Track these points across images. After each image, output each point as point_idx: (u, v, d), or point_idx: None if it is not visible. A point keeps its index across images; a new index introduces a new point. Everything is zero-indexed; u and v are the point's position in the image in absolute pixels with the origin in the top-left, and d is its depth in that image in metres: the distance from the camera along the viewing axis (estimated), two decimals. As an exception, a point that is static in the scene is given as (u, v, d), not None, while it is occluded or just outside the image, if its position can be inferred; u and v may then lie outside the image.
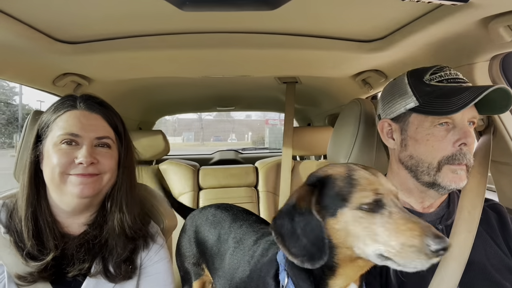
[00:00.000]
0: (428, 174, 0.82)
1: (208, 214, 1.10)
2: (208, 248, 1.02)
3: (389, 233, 0.56)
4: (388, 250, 0.57)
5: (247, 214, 1.08)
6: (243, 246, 0.92)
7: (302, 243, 0.57)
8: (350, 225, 0.60)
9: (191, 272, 1.07)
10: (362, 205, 0.60)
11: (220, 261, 0.96)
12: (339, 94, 2.03)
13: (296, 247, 0.58)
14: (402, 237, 0.55)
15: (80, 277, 0.84)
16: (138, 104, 2.45)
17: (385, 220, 0.58)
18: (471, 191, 0.89)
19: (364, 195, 0.60)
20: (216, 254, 0.98)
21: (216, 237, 1.01)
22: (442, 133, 0.81)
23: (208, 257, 1.01)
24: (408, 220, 0.57)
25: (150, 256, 0.95)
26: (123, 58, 1.26)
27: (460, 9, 0.79)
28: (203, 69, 1.52)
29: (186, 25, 1.02)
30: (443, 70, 0.86)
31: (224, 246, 0.97)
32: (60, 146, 0.82)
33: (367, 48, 1.16)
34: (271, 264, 0.77)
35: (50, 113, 0.87)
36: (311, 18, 0.98)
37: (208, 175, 2.32)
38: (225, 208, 1.10)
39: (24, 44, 1.01)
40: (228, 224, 1.03)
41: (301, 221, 0.59)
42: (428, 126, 0.82)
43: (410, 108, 0.85)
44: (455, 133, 0.80)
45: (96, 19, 0.95)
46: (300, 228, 0.58)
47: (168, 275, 0.98)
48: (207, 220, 1.08)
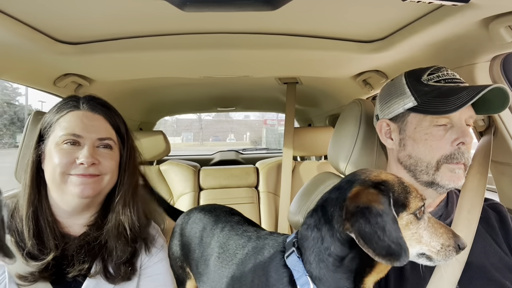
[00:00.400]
0: (427, 173, 0.83)
1: (192, 217, 1.06)
2: (191, 251, 0.99)
3: (430, 235, 0.66)
4: (430, 250, 0.66)
5: (230, 215, 1.04)
6: (228, 252, 0.87)
7: (385, 243, 0.58)
8: (403, 228, 0.64)
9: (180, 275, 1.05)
10: (416, 210, 0.65)
11: (204, 266, 0.91)
12: (340, 95, 2.03)
13: (380, 248, 0.58)
14: (441, 239, 0.66)
15: (80, 278, 0.84)
16: (139, 104, 2.45)
17: (426, 225, 0.66)
18: (471, 190, 0.89)
19: (418, 201, 0.66)
20: (199, 258, 0.95)
21: (198, 240, 0.97)
22: (441, 132, 0.81)
23: (191, 260, 0.99)
24: (441, 224, 0.68)
25: (150, 257, 0.95)
26: (124, 58, 1.26)
27: (460, 9, 0.79)
28: (204, 70, 1.52)
29: (187, 25, 1.02)
30: (440, 70, 0.86)
31: (208, 251, 0.92)
32: (62, 146, 0.83)
33: (368, 48, 1.16)
34: (279, 271, 0.73)
35: (53, 114, 0.88)
36: (312, 19, 0.98)
37: (209, 175, 2.32)
38: (208, 210, 1.07)
39: (25, 44, 1.01)
40: (210, 227, 0.99)
41: (381, 222, 0.59)
42: (427, 126, 0.82)
43: (409, 108, 0.85)
44: (453, 132, 0.81)
45: (97, 19, 0.95)
46: (380, 230, 0.59)
47: (168, 275, 0.98)
48: (192, 223, 1.05)
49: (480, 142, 1.04)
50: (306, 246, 0.70)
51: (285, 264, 0.72)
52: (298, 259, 0.70)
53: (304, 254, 0.70)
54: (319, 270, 0.67)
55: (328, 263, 0.66)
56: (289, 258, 0.72)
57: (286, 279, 0.70)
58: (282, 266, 0.73)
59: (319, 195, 1.12)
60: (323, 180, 1.13)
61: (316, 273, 0.68)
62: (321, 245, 0.67)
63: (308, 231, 0.71)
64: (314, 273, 0.68)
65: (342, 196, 0.67)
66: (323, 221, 0.68)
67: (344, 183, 0.71)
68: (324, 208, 0.70)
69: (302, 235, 0.72)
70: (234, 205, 1.15)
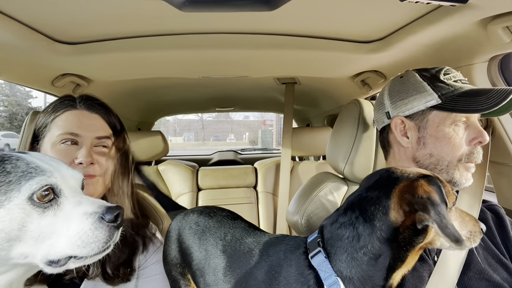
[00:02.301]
0: (447, 172, 0.83)
1: (191, 222, 0.99)
2: (194, 260, 0.94)
3: (460, 225, 0.69)
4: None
5: (232, 219, 1.00)
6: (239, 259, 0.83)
7: (451, 230, 0.61)
8: None
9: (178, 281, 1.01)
10: (452, 204, 0.67)
11: (213, 276, 0.85)
12: (338, 95, 2.04)
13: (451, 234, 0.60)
14: (469, 226, 0.69)
15: (78, 280, 0.83)
16: (137, 104, 2.44)
17: (456, 215, 0.69)
18: (469, 192, 0.89)
19: (453, 195, 0.67)
20: (206, 268, 0.90)
21: (202, 248, 0.91)
22: (462, 131, 0.83)
23: (196, 270, 0.95)
24: (465, 213, 0.72)
25: (148, 258, 0.95)
26: (122, 58, 1.26)
27: (459, 10, 0.79)
28: (202, 70, 1.52)
29: (185, 26, 1.02)
30: (451, 71, 0.87)
31: (215, 260, 0.86)
32: (59, 146, 0.82)
33: (366, 49, 1.16)
34: (304, 273, 0.70)
35: (48, 113, 0.87)
36: (310, 19, 0.98)
37: (207, 175, 2.32)
38: (207, 214, 1.02)
39: (22, 44, 1.00)
40: (213, 234, 0.96)
41: (443, 211, 0.62)
42: (449, 124, 0.83)
43: (432, 105, 0.84)
44: (470, 132, 0.83)
45: (95, 19, 0.95)
46: (443, 218, 0.61)
47: (166, 276, 0.98)
48: (191, 229, 1.00)
49: (478, 142, 1.05)
50: (337, 245, 0.68)
51: (309, 265, 0.70)
52: (325, 259, 0.68)
53: (334, 254, 0.68)
54: (351, 270, 0.66)
55: (362, 262, 0.65)
56: (314, 258, 0.69)
57: (313, 280, 0.68)
58: (307, 267, 0.70)
59: (318, 195, 1.13)
60: (321, 180, 1.13)
61: (346, 272, 0.66)
62: (357, 244, 0.66)
63: (341, 230, 0.69)
64: (345, 273, 0.66)
65: (385, 194, 0.66)
66: (361, 220, 0.67)
67: (383, 181, 0.69)
68: (363, 207, 0.68)
69: (332, 234, 0.70)
70: (233, 206, 1.14)
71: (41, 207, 0.54)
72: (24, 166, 0.55)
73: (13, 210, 0.52)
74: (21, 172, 0.54)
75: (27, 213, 0.53)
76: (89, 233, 0.56)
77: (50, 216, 0.55)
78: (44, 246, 0.55)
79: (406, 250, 0.66)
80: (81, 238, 0.56)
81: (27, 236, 0.53)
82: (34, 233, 0.54)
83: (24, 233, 0.53)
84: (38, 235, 0.54)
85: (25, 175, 0.54)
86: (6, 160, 0.55)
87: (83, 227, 0.56)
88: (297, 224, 1.08)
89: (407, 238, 0.64)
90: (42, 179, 0.55)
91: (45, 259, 0.55)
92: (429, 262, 0.83)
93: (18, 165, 0.55)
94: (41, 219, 0.54)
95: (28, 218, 0.53)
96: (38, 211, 0.54)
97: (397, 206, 0.64)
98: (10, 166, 0.54)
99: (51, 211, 0.56)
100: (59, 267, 0.57)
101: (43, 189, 0.55)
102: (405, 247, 0.65)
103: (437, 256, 0.83)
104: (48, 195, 0.56)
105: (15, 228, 0.52)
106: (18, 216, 0.52)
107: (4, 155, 0.56)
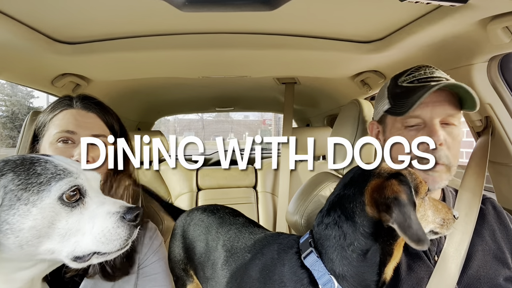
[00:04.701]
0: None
1: (194, 219, 1.03)
2: (196, 254, 0.97)
3: (433, 213, 0.71)
4: (436, 226, 0.71)
5: (234, 216, 1.03)
6: (236, 255, 0.85)
7: (414, 230, 0.61)
8: (416, 212, 0.66)
9: (182, 277, 1.03)
10: (424, 195, 0.69)
11: (212, 270, 0.89)
12: (338, 95, 2.03)
13: (413, 234, 0.61)
14: (441, 214, 0.72)
15: (78, 278, 0.83)
16: (137, 104, 2.44)
17: (429, 204, 0.71)
18: (468, 191, 0.89)
19: (424, 186, 0.69)
20: (206, 262, 0.93)
21: (203, 243, 0.94)
22: (412, 133, 0.82)
23: (197, 264, 0.97)
24: (437, 201, 0.74)
25: (148, 257, 0.95)
26: (122, 58, 1.26)
27: (458, 10, 0.79)
28: (202, 70, 1.52)
29: (185, 25, 1.02)
30: (418, 70, 0.86)
31: (215, 254, 0.89)
32: (56, 145, 0.83)
33: (366, 49, 1.16)
34: (297, 273, 0.71)
35: (46, 113, 0.88)
36: (310, 19, 0.98)
37: (207, 175, 2.32)
38: (211, 210, 1.04)
39: (22, 44, 1.00)
40: (215, 229, 0.96)
41: (408, 211, 0.63)
42: (399, 127, 0.84)
43: (385, 110, 0.88)
44: (424, 133, 0.80)
45: (95, 19, 0.95)
46: (409, 218, 0.62)
47: (166, 275, 0.98)
48: (194, 225, 1.02)
49: (478, 142, 1.04)
50: (327, 245, 0.69)
51: (302, 265, 0.71)
52: (317, 258, 0.70)
53: (325, 253, 0.69)
54: (343, 268, 0.67)
55: (352, 259, 0.67)
56: (307, 258, 0.71)
57: (306, 280, 0.70)
58: (300, 267, 0.71)
59: (318, 195, 1.13)
60: (321, 180, 1.13)
61: (339, 271, 0.67)
62: (344, 242, 0.67)
63: (328, 230, 0.70)
64: (337, 271, 0.67)
65: (360, 190, 0.67)
66: (343, 218, 0.68)
67: (356, 178, 0.70)
68: (342, 205, 0.69)
69: (320, 235, 0.71)
70: (233, 206, 1.14)
71: (69, 206, 0.59)
72: (53, 168, 0.60)
73: (45, 209, 0.56)
74: (50, 174, 0.59)
75: (56, 212, 0.57)
76: (112, 231, 0.60)
77: (77, 214, 0.60)
78: (70, 243, 0.59)
79: (391, 244, 0.67)
80: (105, 236, 0.60)
81: (55, 233, 0.58)
82: (62, 230, 0.58)
83: (53, 230, 0.57)
84: (65, 232, 0.58)
85: (54, 176, 0.59)
86: (36, 163, 0.59)
87: (107, 225, 0.61)
88: (297, 224, 1.08)
89: (388, 232, 0.65)
90: (70, 180, 0.59)
91: (71, 255, 0.59)
92: (427, 263, 0.83)
93: (48, 167, 0.59)
94: (69, 217, 0.59)
95: (57, 217, 0.58)
96: (66, 210, 0.59)
97: (370, 202, 0.66)
98: (40, 168, 0.59)
99: (77, 210, 0.60)
100: (83, 263, 0.61)
101: (71, 190, 0.59)
102: (388, 241, 0.67)
103: (437, 256, 0.83)
104: (75, 195, 0.60)
105: (46, 226, 0.56)
106: (48, 215, 0.57)
107: (33, 158, 0.60)
